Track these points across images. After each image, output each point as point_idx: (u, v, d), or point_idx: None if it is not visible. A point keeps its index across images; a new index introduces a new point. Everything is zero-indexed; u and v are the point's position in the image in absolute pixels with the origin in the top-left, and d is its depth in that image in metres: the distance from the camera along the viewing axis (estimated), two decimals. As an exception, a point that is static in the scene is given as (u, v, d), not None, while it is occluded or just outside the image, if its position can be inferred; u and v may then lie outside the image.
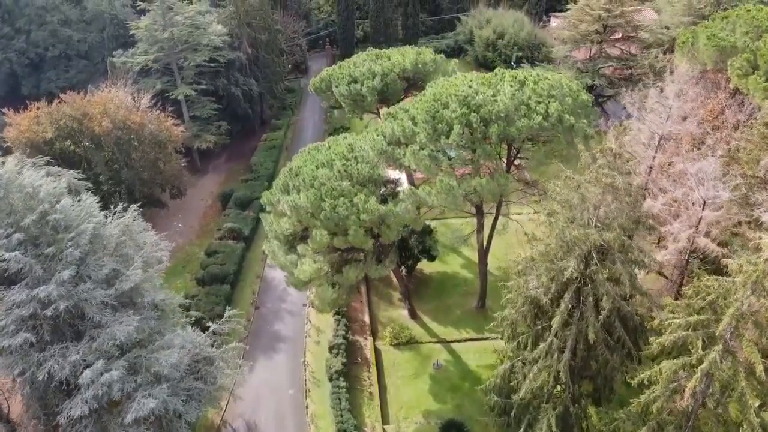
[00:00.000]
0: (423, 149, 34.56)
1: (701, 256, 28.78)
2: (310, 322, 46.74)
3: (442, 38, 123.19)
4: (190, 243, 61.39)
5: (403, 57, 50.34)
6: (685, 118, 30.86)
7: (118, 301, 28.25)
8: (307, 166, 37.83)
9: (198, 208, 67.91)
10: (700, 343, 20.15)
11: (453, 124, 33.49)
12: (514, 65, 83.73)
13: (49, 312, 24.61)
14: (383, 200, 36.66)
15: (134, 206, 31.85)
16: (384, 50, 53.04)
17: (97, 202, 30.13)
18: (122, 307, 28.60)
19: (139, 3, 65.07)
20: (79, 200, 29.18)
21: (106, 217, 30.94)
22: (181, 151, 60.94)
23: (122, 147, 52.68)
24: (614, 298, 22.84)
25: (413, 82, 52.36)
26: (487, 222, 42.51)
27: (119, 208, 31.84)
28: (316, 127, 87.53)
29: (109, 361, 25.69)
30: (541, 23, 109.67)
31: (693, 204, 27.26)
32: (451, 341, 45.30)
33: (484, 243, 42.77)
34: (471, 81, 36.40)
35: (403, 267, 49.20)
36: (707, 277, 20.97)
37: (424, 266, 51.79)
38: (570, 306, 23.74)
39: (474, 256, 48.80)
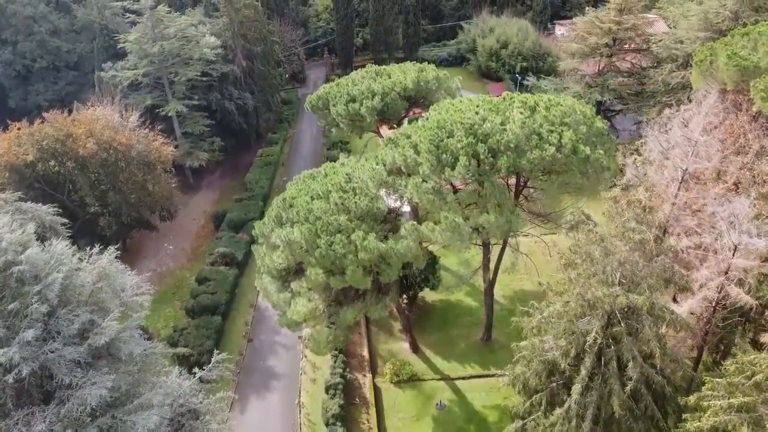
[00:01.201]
0: (426, 181, 32.34)
1: (727, 305, 26.53)
2: (306, 357, 44.48)
3: (444, 46, 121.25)
4: (180, 267, 59.14)
5: (404, 75, 48.16)
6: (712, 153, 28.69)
7: (91, 356, 25.88)
8: (301, 197, 35.66)
9: (190, 229, 65.70)
10: (745, 430, 17.90)
11: (458, 154, 31.30)
12: (519, 77, 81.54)
13: (10, 379, 22.23)
14: (383, 236, 34.42)
15: (112, 248, 29.46)
16: (384, 67, 50.89)
17: (82, 225, 27.80)
18: (97, 361, 26.25)
19: (128, 15, 62.72)
20: (51, 244, 26.81)
21: (81, 261, 28.64)
22: (170, 171, 58.67)
23: (108, 169, 50.48)
24: (642, 365, 20.66)
25: (415, 100, 50.30)
26: (494, 248, 40.36)
27: (95, 250, 29.46)
28: (314, 141, 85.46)
29: (78, 429, 23.33)
30: (546, 32, 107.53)
31: (722, 248, 25.04)
32: (456, 378, 43.07)
33: (491, 275, 40.54)
34: (477, 107, 34.17)
35: (404, 295, 47.00)
36: (751, 351, 18.73)
37: (427, 294, 49.58)
38: (591, 370, 21.52)
39: (479, 282, 46.65)
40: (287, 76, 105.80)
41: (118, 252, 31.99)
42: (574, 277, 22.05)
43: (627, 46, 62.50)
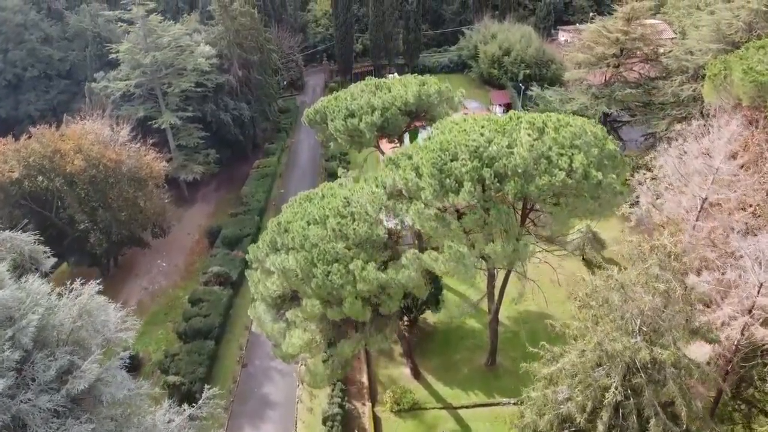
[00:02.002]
0: (428, 207, 30.79)
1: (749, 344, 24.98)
2: (302, 384, 42.76)
3: (445, 51, 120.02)
4: (174, 285, 57.54)
5: (404, 89, 46.62)
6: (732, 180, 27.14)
7: (71, 400, 24.31)
8: (297, 222, 34.06)
9: (184, 244, 64.12)
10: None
11: (463, 179, 29.73)
12: (522, 86, 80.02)
13: (-23, 435, 20.69)
14: (383, 264, 32.85)
15: (94, 283, 27.93)
16: (384, 80, 49.35)
17: (71, 243, 26.18)
18: (76, 406, 24.69)
19: (120, 24, 61.18)
20: (27, 281, 25.25)
21: (61, 296, 27.14)
22: (163, 186, 57.11)
23: (97, 186, 48.92)
24: (665, 422, 19.10)
25: (416, 114, 48.83)
26: (499, 271, 38.83)
27: (76, 284, 27.95)
28: (313, 150, 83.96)
29: (54, 486, 21.78)
30: (549, 38, 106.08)
31: (746, 285, 23.49)
32: (459, 407, 41.40)
33: (496, 302, 39.01)
34: (483, 127, 32.59)
35: (405, 318, 45.53)
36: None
37: (428, 315, 48.02)
38: (609, 423, 19.96)
39: (482, 302, 45.15)
40: (285, 83, 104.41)
41: (103, 278, 30.49)
42: (591, 325, 20.46)
43: (635, 55, 60.95)
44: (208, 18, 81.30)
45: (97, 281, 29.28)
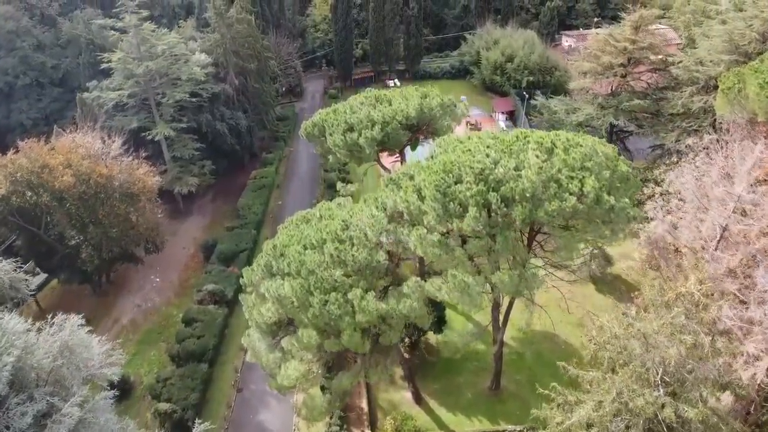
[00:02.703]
0: (431, 233, 29.38)
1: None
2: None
3: (446, 56, 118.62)
4: (167, 302, 56.15)
5: (406, 102, 45.25)
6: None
7: (50, 447, 22.95)
8: (293, 246, 32.68)
9: (179, 259, 62.72)
10: None
11: (468, 203, 28.34)
12: (526, 95, 78.65)
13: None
14: (384, 291, 31.49)
15: (77, 317, 26.68)
16: (384, 92, 47.86)
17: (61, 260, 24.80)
18: (57, 451, 23.30)
19: (113, 33, 59.83)
20: (2, 318, 23.94)
21: (40, 331, 25.85)
22: (156, 201, 55.69)
23: (87, 202, 47.53)
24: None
25: (418, 127, 47.48)
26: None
27: (58, 318, 26.73)
28: (312, 159, 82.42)
29: None
30: (553, 43, 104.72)
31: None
32: (462, 435, 40.01)
33: (501, 327, 37.59)
34: (488, 147, 31.16)
35: (406, 339, 44.14)
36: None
37: (430, 335, 46.60)
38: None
39: (486, 320, 43.78)
40: (284, 89, 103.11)
41: (95, 294, 28.97)
42: (608, 374, 19.02)
43: (642, 64, 59.61)
44: (204, 25, 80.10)
45: (80, 315, 28.01)
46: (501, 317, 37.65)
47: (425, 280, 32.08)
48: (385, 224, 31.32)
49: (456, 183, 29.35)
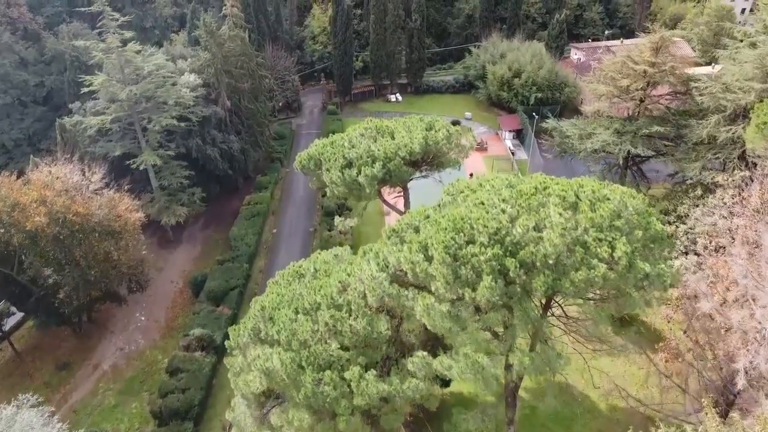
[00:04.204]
0: (440, 302, 26.13)
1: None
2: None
3: (450, 68, 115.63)
4: (152, 345, 52.92)
5: (409, 135, 42.15)
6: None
7: None
8: (284, 310, 29.48)
9: (166, 294, 59.49)
10: None
11: (481, 270, 25.09)
12: (536, 116, 75.45)
13: None
14: (385, 363, 28.28)
15: (31, 398, 23.54)
16: (386, 123, 44.73)
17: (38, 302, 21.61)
18: None
19: (95, 53, 56.58)
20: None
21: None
22: (140, 235, 52.41)
23: (63, 243, 44.30)
24: None
25: (422, 161, 44.37)
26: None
27: (12, 407, 23.54)
28: (309, 183, 79.17)
29: None
30: (562, 56, 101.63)
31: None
32: None
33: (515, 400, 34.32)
34: (504, 201, 27.79)
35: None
36: None
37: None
38: None
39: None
40: (280, 105, 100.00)
41: (75, 335, 25.77)
42: None
43: (661, 86, 56.34)
44: (195, 43, 77.00)
45: (35, 399, 24.87)
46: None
47: (432, 351, 28.96)
48: (387, 287, 28.02)
49: (468, 243, 26.10)
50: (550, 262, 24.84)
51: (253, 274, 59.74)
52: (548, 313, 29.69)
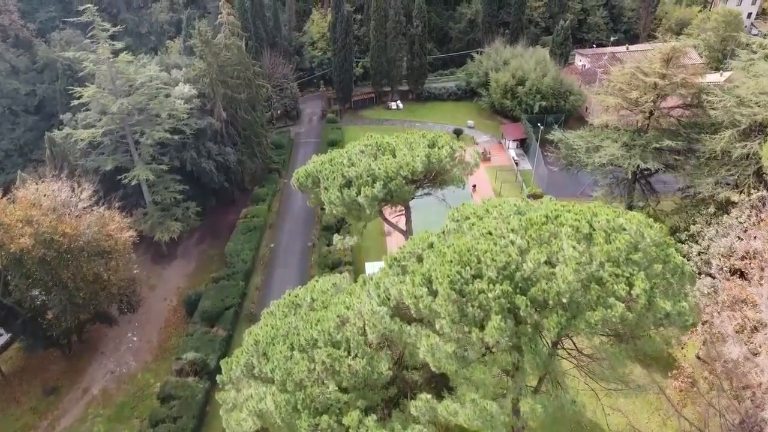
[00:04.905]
0: (445, 342, 24.57)
1: None
2: None
3: (451, 74, 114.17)
4: (144, 367, 51.31)
5: (411, 153, 40.63)
6: None
7: None
8: (278, 346, 27.96)
9: (159, 313, 57.89)
10: None
11: (490, 308, 23.55)
12: (540, 126, 73.96)
13: None
14: (387, 404, 26.70)
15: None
16: (387, 139, 43.19)
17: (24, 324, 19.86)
18: None
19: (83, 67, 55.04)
20: None
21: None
22: (130, 255, 50.79)
23: (49, 265, 42.73)
24: None
25: (425, 179, 42.83)
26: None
27: None
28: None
29: None
30: (566, 63, 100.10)
31: None
32: None
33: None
34: (513, 231, 26.14)
35: None
36: None
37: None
38: None
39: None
40: (278, 113, 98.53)
41: (64, 357, 24.11)
42: None
43: (671, 97, 54.78)
44: (190, 52, 75.48)
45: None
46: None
47: (436, 391, 27.44)
48: (389, 323, 26.50)
49: (475, 278, 24.56)
50: (564, 300, 23.31)
51: (249, 292, 58.16)
52: (559, 346, 28.24)
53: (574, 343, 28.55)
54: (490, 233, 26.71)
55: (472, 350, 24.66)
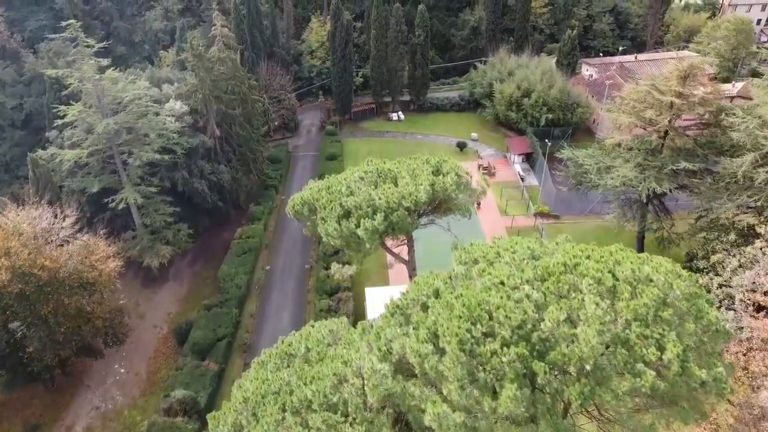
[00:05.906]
0: (454, 411, 22.25)
1: None
2: None
3: (454, 83, 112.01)
4: (131, 403, 48.95)
5: (414, 181, 38.36)
6: None
7: None
8: (269, 407, 25.64)
9: (149, 342, 55.48)
10: None
11: (504, 374, 21.23)
12: (548, 142, 71.67)
13: None
14: (389, 476, 24.34)
15: None
16: (388, 166, 40.85)
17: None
18: None
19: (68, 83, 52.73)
20: None
21: None
22: (115, 285, 48.39)
23: (28, 299, 40.39)
24: None
25: (429, 208, 40.54)
26: None
27: None
28: (305, 211, 75.32)
29: None
30: (573, 73, 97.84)
31: None
32: None
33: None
34: (527, 281, 23.85)
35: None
36: None
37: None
38: None
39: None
40: (276, 124, 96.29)
41: (47, 391, 21.78)
42: None
43: (686, 115, 52.48)
44: (182, 67, 73.24)
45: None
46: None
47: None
48: (390, 383, 24.22)
49: (486, 337, 22.25)
50: (587, 367, 20.98)
51: (243, 320, 55.81)
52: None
53: (596, 406, 26.22)
54: (503, 283, 24.40)
55: (484, 420, 22.36)
